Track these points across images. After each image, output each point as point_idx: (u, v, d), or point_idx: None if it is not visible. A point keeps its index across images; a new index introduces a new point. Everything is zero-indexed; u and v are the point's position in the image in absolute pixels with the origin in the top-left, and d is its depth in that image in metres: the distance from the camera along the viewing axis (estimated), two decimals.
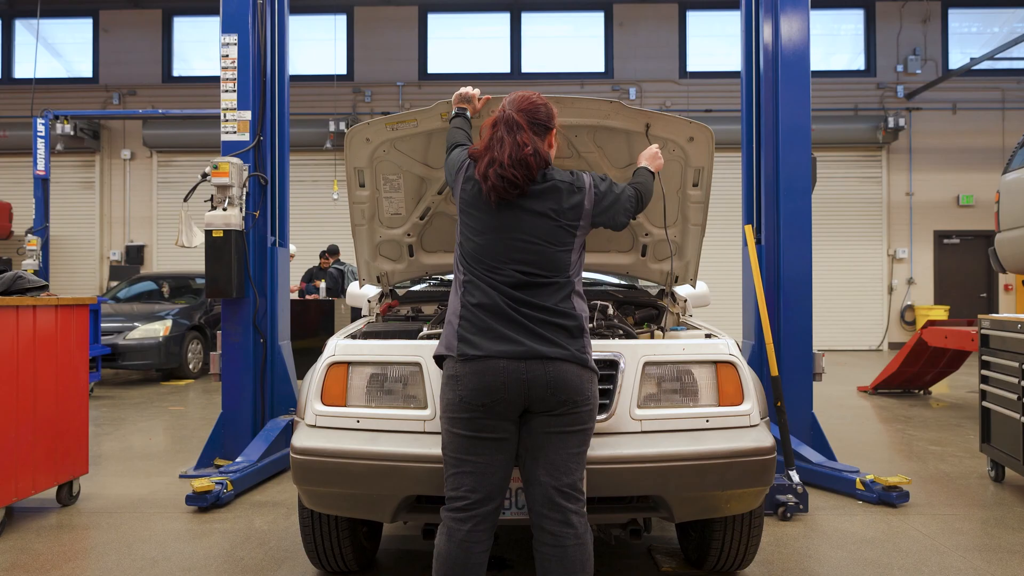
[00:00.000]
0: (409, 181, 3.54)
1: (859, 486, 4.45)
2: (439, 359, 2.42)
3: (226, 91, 5.22)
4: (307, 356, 4.78)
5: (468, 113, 2.82)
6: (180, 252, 12.73)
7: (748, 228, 4.92)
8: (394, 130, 3.27)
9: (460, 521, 2.28)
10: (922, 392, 8.93)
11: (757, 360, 4.81)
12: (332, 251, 11.38)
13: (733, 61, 14.56)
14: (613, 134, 3.34)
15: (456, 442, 2.30)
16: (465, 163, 2.50)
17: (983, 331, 4.86)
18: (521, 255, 2.35)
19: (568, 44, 15.93)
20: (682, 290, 4.18)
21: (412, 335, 3.19)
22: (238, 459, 4.85)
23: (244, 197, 5.18)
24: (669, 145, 3.31)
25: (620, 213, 2.54)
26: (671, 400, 2.74)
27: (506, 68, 15.48)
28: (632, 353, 2.73)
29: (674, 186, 3.50)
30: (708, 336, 3.15)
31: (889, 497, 4.32)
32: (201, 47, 15.91)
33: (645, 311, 3.92)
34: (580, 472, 2.33)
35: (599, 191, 2.50)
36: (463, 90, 2.87)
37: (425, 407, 2.67)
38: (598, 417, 2.63)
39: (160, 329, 9.64)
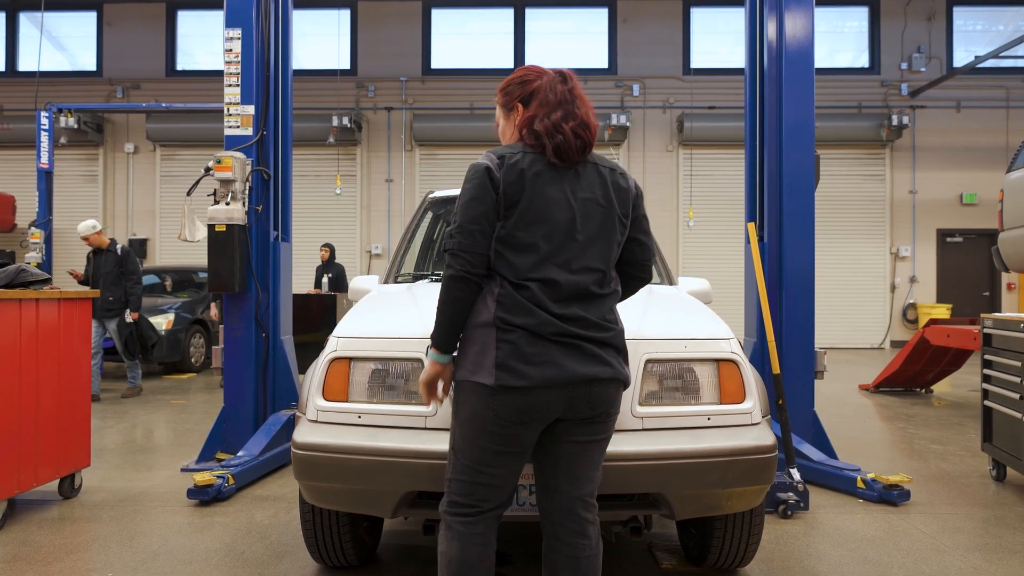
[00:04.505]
0: None
1: (860, 484, 4.45)
2: (469, 381, 2.09)
3: (229, 85, 5.22)
4: (309, 351, 4.79)
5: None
6: (183, 246, 12.76)
7: (751, 225, 4.92)
8: None
9: (470, 524, 2.15)
10: (924, 391, 8.92)
11: (759, 358, 4.81)
12: None
13: (737, 58, 14.53)
14: None
15: (476, 453, 2.11)
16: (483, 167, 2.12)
17: (986, 330, 4.86)
18: (577, 252, 2.09)
19: (572, 40, 15.90)
20: (684, 286, 4.17)
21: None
22: (239, 453, 4.86)
23: (247, 192, 5.18)
24: None
25: (649, 234, 2.32)
26: (672, 398, 2.74)
27: (509, 64, 15.44)
28: (634, 350, 2.72)
29: None
30: None
31: (890, 496, 4.32)
32: (205, 41, 15.90)
33: None
34: (599, 480, 2.27)
35: (640, 192, 2.28)
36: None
37: (427, 403, 2.66)
38: None
39: (162, 323, 9.65)
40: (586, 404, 2.11)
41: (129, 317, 7.99)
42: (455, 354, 2.16)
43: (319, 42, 15.32)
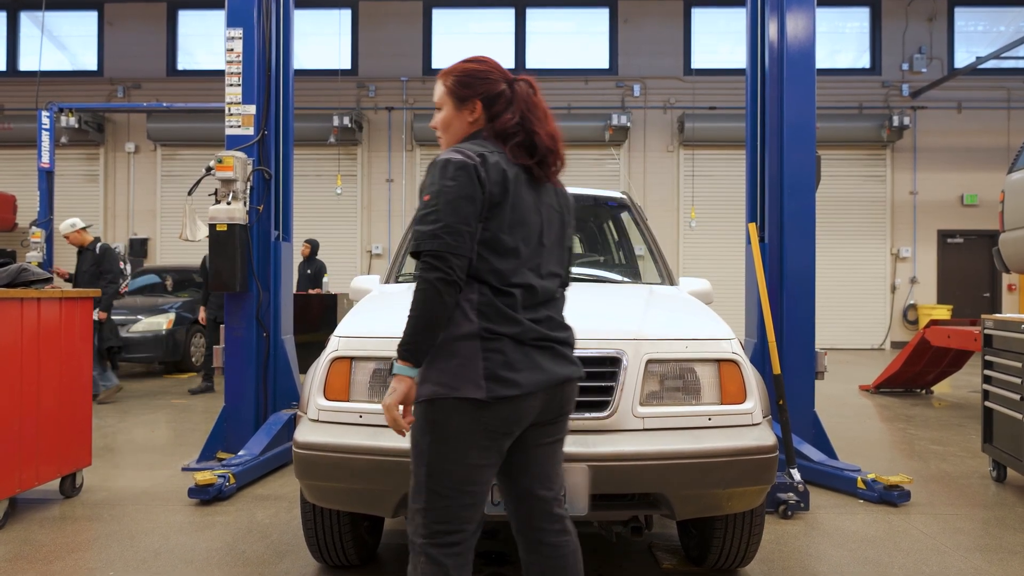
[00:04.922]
0: None
1: (860, 485, 4.45)
2: (450, 398, 1.95)
3: (231, 85, 5.22)
4: (310, 350, 4.79)
5: None
6: (184, 246, 12.78)
7: (752, 226, 4.92)
8: None
9: (457, 555, 1.98)
10: (924, 391, 8.92)
11: (759, 358, 4.81)
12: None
13: (738, 58, 14.52)
14: None
15: (461, 472, 1.97)
16: (472, 165, 1.98)
17: (986, 331, 4.86)
18: (545, 258, 2.10)
19: (573, 40, 15.90)
20: (685, 286, 4.18)
21: None
22: (240, 452, 4.86)
23: (248, 191, 5.18)
24: None
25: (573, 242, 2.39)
26: (673, 398, 2.74)
27: (510, 64, 15.45)
28: (635, 351, 2.73)
29: None
30: None
31: (890, 496, 4.32)
32: (206, 41, 15.91)
33: None
34: (564, 477, 2.28)
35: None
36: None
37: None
38: (601, 415, 2.64)
39: (163, 322, 9.66)
40: (559, 404, 2.11)
41: (96, 315, 7.45)
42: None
43: (320, 42, 15.32)
